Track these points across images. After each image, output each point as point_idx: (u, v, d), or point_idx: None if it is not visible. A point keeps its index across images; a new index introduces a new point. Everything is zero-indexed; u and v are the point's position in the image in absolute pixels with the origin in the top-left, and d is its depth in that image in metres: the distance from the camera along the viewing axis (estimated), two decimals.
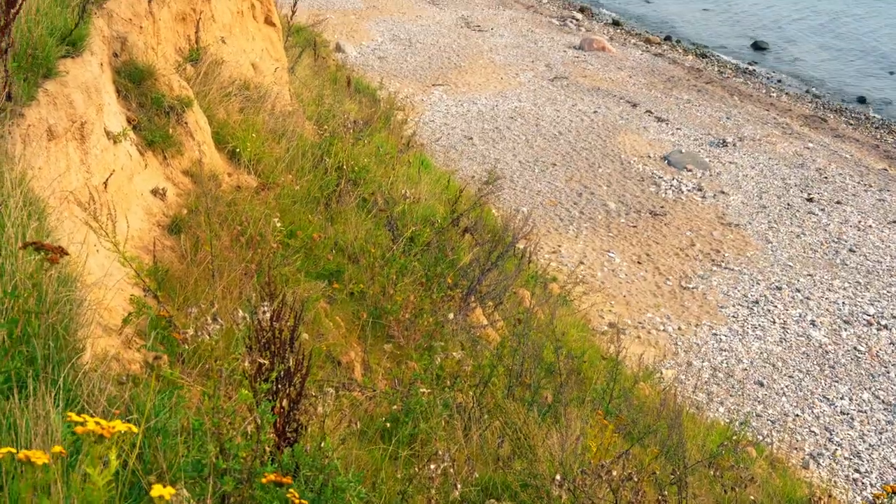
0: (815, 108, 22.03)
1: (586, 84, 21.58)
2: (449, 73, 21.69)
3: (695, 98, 21.28)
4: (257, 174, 7.45)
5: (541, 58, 23.46)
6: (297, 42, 15.02)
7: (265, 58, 10.36)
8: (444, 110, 19.30)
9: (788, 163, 17.62)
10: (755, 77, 24.36)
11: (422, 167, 11.77)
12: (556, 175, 16.43)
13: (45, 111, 4.82)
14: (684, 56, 25.82)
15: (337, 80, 15.12)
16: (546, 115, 19.28)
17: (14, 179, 3.58)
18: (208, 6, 8.96)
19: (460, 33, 25.31)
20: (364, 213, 7.93)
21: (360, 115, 12.88)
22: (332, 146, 8.70)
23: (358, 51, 22.73)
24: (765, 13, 30.98)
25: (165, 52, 7.97)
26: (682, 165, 17.00)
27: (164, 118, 6.71)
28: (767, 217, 15.38)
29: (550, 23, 27.83)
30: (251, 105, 8.40)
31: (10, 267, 2.96)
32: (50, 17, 5.32)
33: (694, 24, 29.73)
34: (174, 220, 6.16)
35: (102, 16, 6.58)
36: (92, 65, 5.58)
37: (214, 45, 8.76)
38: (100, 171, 5.49)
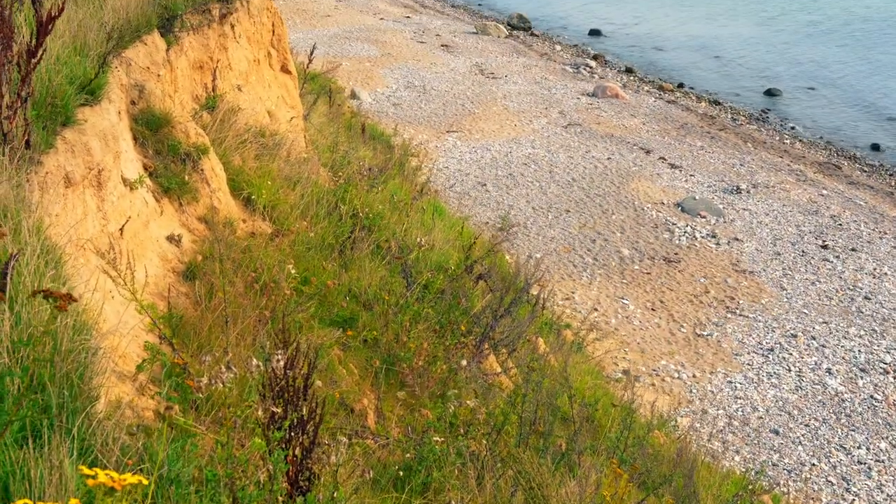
0: (829, 155, 22.04)
1: (600, 131, 21.66)
2: (463, 120, 21.81)
3: (708, 145, 21.32)
4: (272, 221, 7.49)
5: (554, 104, 23.58)
6: (313, 89, 15.16)
7: (281, 105, 10.46)
8: (458, 157, 19.39)
9: (803, 210, 17.60)
10: (768, 124, 24.42)
11: (436, 213, 11.80)
12: (569, 221, 16.45)
13: (62, 158, 4.86)
14: (697, 103, 25.92)
15: (352, 126, 15.23)
16: (560, 162, 19.35)
17: (31, 227, 3.60)
18: (225, 55, 9.06)
19: (474, 80, 25.48)
20: (378, 259, 7.94)
21: (375, 161, 12.96)
22: (346, 193, 8.74)
23: (373, 97, 22.90)
24: (777, 61, 31.11)
25: (182, 100, 8.05)
26: (695, 212, 17.00)
27: (180, 165, 6.77)
28: (782, 264, 15.34)
29: (564, 70, 28.01)
30: (267, 152, 8.46)
31: (26, 315, 2.98)
32: (70, 65, 5.38)
33: (707, 72, 29.86)
34: (189, 266, 6.18)
35: (121, 64, 6.66)
36: (110, 113, 5.64)
37: (231, 92, 8.85)
38: (116, 218, 5.53)
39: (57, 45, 5.48)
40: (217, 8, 8.92)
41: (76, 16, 6.30)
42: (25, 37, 4.85)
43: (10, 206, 3.68)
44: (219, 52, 8.90)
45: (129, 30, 7.04)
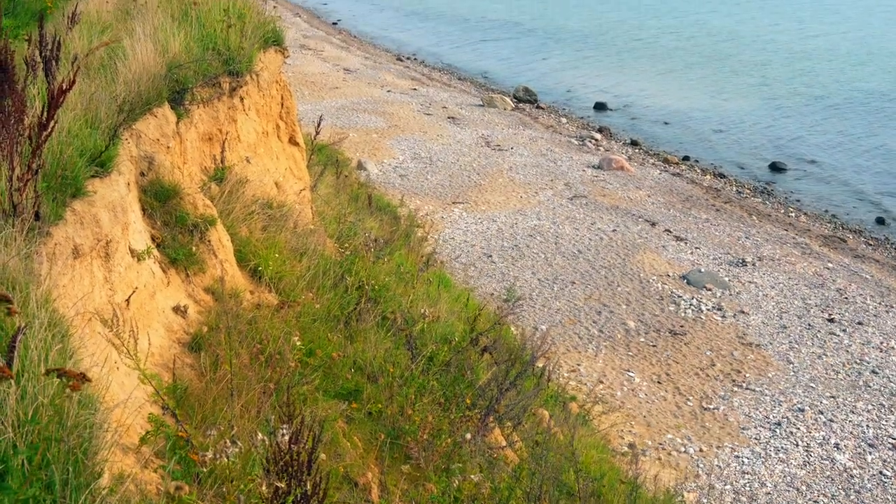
0: (834, 228, 22.10)
1: (605, 203, 21.76)
2: (469, 191, 21.94)
3: (713, 217, 21.40)
4: (278, 292, 7.50)
5: (560, 177, 23.73)
6: (320, 160, 15.29)
7: (288, 176, 10.54)
8: (464, 228, 19.47)
9: (808, 283, 17.59)
10: (773, 197, 24.53)
11: (441, 285, 11.81)
12: (575, 293, 16.44)
13: (71, 230, 4.90)
14: (702, 176, 26.07)
15: (358, 197, 15.32)
16: (565, 234, 19.41)
17: (39, 299, 3.62)
18: (234, 127, 9.16)
19: (480, 152, 25.68)
20: (383, 331, 7.94)
21: (381, 232, 13.01)
22: (353, 264, 8.76)
23: (379, 168, 23.07)
24: (781, 134, 31.37)
25: (191, 171, 8.12)
26: (701, 284, 17.00)
27: (187, 236, 6.80)
28: (788, 337, 15.28)
29: (570, 142, 28.24)
30: (274, 223, 8.50)
31: (32, 389, 2.98)
32: (80, 138, 5.45)
33: (711, 145, 30.10)
34: (195, 337, 6.18)
35: (131, 136, 6.74)
36: (119, 184, 5.69)
37: (239, 164, 8.93)
38: (123, 289, 5.55)
39: (69, 117, 5.56)
40: (227, 81, 9.04)
41: (88, 88, 6.39)
42: (38, 109, 4.92)
43: (18, 278, 3.69)
44: (228, 124, 9.00)
45: (141, 102, 7.13)
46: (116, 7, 10.56)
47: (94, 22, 9.36)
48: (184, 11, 9.63)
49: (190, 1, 9.89)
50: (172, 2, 10.10)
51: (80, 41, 7.93)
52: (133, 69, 7.29)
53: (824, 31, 59.49)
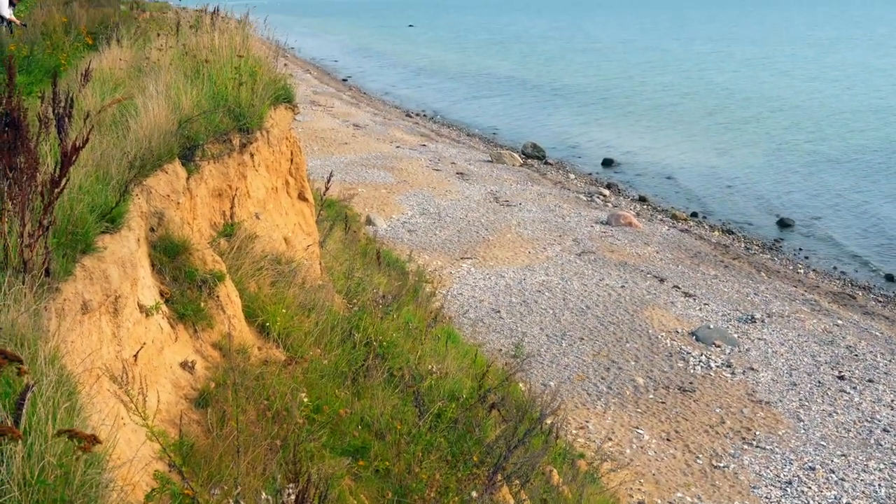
0: (843, 284, 22.05)
1: (614, 259, 21.77)
2: (477, 247, 21.98)
3: (722, 274, 21.37)
4: (286, 348, 7.49)
5: (568, 232, 23.77)
6: (329, 215, 15.35)
7: (297, 232, 10.57)
8: (473, 283, 19.46)
9: (818, 340, 17.50)
10: (782, 253, 24.52)
11: (449, 341, 11.77)
12: (583, 349, 16.38)
13: (81, 286, 4.91)
14: (710, 232, 26.09)
15: (367, 253, 15.34)
16: (573, 289, 19.39)
17: (47, 356, 3.62)
18: (244, 183, 9.22)
19: (489, 207, 25.77)
20: (391, 387, 7.91)
21: (390, 288, 13.01)
22: (361, 320, 8.76)
23: (388, 224, 23.14)
24: (788, 190, 31.46)
25: (201, 227, 8.16)
26: (710, 341, 16.93)
27: (196, 292, 6.82)
28: (798, 395, 15.18)
29: (578, 198, 28.33)
30: (282, 279, 8.51)
31: (40, 448, 2.97)
32: (91, 194, 5.49)
33: (719, 201, 30.18)
34: (202, 393, 6.16)
35: (142, 192, 6.79)
36: (129, 240, 5.72)
37: (249, 220, 8.97)
38: (131, 344, 5.55)
39: (80, 173, 5.60)
40: (237, 138, 9.11)
41: (100, 145, 6.45)
42: (50, 166, 4.97)
43: (27, 334, 3.70)
44: (238, 180, 9.06)
45: (152, 158, 7.19)
46: (129, 64, 10.70)
47: (106, 79, 9.48)
48: (196, 69, 9.74)
49: (202, 59, 10.00)
50: (185, 60, 10.23)
51: (92, 98, 8.02)
52: (145, 126, 7.36)
53: (828, 88, 59.94)
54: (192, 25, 13.80)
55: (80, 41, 16.69)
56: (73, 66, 12.60)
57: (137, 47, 12.59)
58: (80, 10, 21.57)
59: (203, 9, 16.53)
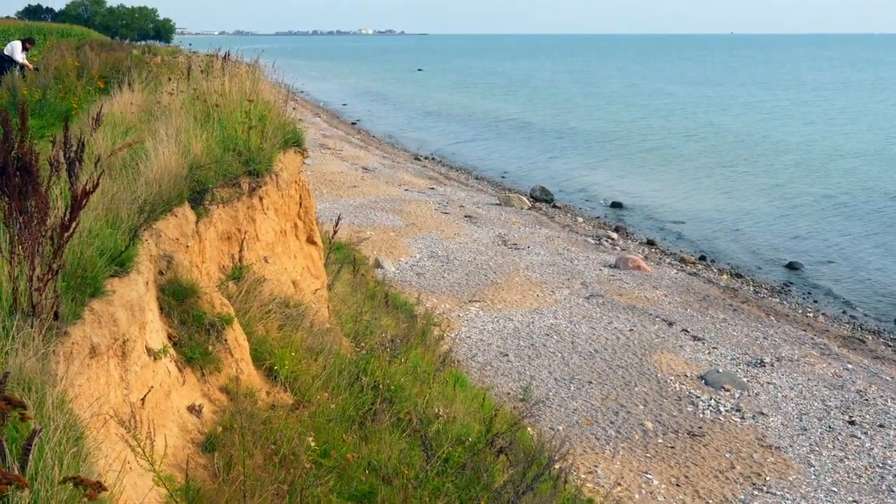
0: (853, 328, 21.96)
1: (622, 302, 21.73)
2: (486, 290, 21.96)
3: (730, 317, 21.30)
4: (293, 392, 7.48)
5: (576, 276, 23.76)
6: (338, 258, 15.39)
7: (306, 275, 10.60)
8: (481, 327, 19.43)
9: (828, 384, 17.40)
10: (791, 297, 24.45)
11: (457, 384, 11.75)
12: (592, 393, 16.30)
13: (89, 329, 4.93)
14: (719, 276, 26.05)
15: (375, 295, 15.36)
16: (582, 333, 19.34)
17: (55, 400, 3.63)
18: (253, 226, 9.26)
19: (497, 251, 25.79)
20: (399, 432, 7.88)
21: (397, 331, 13.01)
22: (368, 364, 8.75)
23: (396, 267, 23.16)
24: (797, 234, 31.45)
25: (209, 270, 8.19)
26: (719, 385, 16.84)
27: (204, 335, 6.83)
28: (809, 440, 15.06)
29: (586, 241, 28.34)
30: (290, 322, 8.53)
31: (45, 494, 2.97)
32: (101, 238, 5.52)
33: (728, 244, 30.16)
34: (209, 437, 6.15)
35: (151, 236, 6.82)
36: (138, 284, 5.74)
37: (257, 263, 9.00)
38: (138, 388, 5.56)
39: (90, 217, 5.64)
40: (247, 181, 9.17)
41: (110, 189, 6.50)
42: (60, 210, 5.00)
43: (35, 379, 3.71)
44: (247, 223, 9.10)
45: (161, 202, 7.23)
46: (140, 108, 10.80)
47: (118, 123, 9.57)
48: (206, 113, 9.83)
49: (212, 103, 10.09)
50: (195, 104, 10.33)
51: (103, 142, 8.09)
52: (155, 170, 7.42)
53: (833, 131, 60.22)
54: (203, 70, 13.95)
55: (93, 85, 16.87)
56: (84, 109, 12.72)
57: (149, 91, 12.72)
58: (92, 55, 21.81)
59: (214, 53, 16.71)
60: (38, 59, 25.67)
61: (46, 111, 14.34)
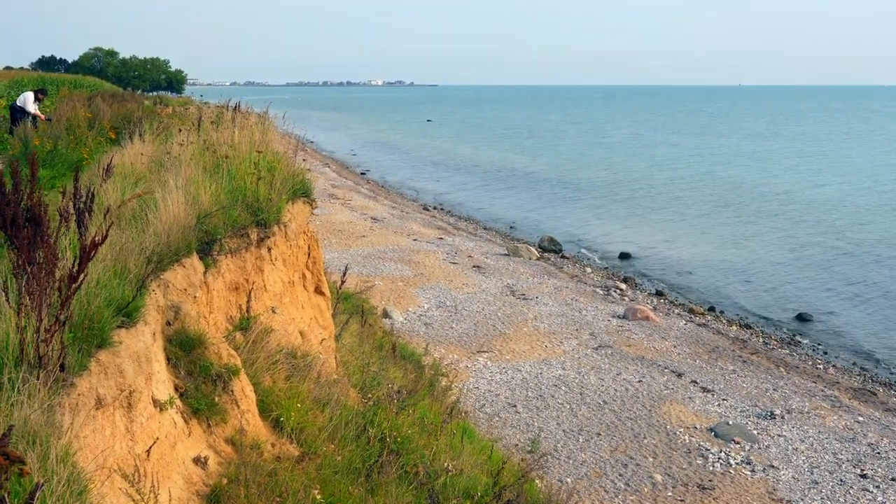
0: (864, 380, 21.80)
1: (631, 353, 21.63)
2: (494, 340, 21.90)
3: (740, 369, 21.18)
4: (300, 443, 7.44)
5: (585, 326, 23.69)
6: (346, 308, 15.37)
7: (313, 326, 10.58)
8: (489, 377, 19.35)
9: (839, 437, 17.24)
10: (800, 348, 24.32)
11: (465, 436, 11.67)
12: (600, 445, 16.18)
13: (95, 380, 4.92)
14: (728, 327, 25.96)
15: (383, 346, 15.32)
16: (590, 384, 19.24)
17: (59, 453, 3.61)
18: (261, 276, 9.27)
19: (505, 301, 25.75)
20: (405, 484, 7.81)
21: (405, 382, 12.95)
22: (375, 416, 8.70)
23: (404, 317, 23.13)
24: (807, 285, 31.37)
25: (217, 320, 8.18)
26: (729, 437, 16.70)
27: (210, 386, 6.81)
28: (820, 493, 14.89)
29: (594, 292, 28.29)
30: (297, 373, 8.50)
31: None
32: (109, 288, 5.53)
33: (737, 295, 30.08)
34: (214, 489, 6.11)
35: (159, 286, 6.83)
36: (145, 335, 5.74)
37: (265, 313, 8.99)
38: (144, 439, 5.53)
39: (98, 268, 5.65)
40: (255, 232, 9.20)
41: (119, 240, 6.52)
42: (69, 261, 5.01)
43: (40, 431, 3.70)
44: (255, 274, 9.11)
45: (169, 253, 7.25)
46: (151, 159, 10.88)
47: (128, 173, 9.63)
48: (216, 164, 9.89)
49: (222, 154, 10.16)
50: (205, 155, 10.40)
51: (113, 192, 8.14)
52: (164, 220, 7.44)
53: (839, 182, 60.37)
54: (213, 121, 14.06)
55: (104, 136, 17.02)
56: (95, 160, 12.83)
57: (159, 142, 12.82)
58: (104, 106, 22.03)
59: (225, 104, 16.86)
60: (50, 110, 25.93)
61: (57, 162, 14.46)
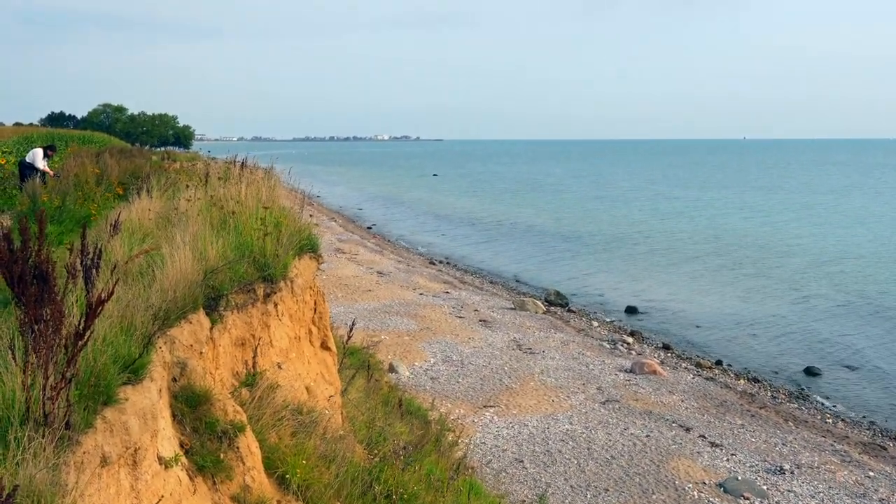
0: (873, 435, 21.63)
1: (638, 407, 21.51)
2: (500, 395, 21.80)
3: (748, 423, 21.03)
4: (306, 501, 7.38)
5: (592, 380, 23.58)
6: (352, 363, 15.33)
7: (319, 381, 10.55)
8: (495, 432, 19.23)
9: (849, 492, 17.06)
10: (809, 402, 24.16)
11: (472, 492, 11.58)
12: (608, 501, 16.02)
13: (101, 438, 4.90)
14: (736, 380, 25.82)
15: (389, 401, 15.25)
16: (598, 439, 19.10)
17: None
18: (267, 332, 9.26)
19: (512, 355, 25.67)
20: None
21: (411, 437, 12.87)
22: (382, 472, 8.65)
23: (411, 371, 23.06)
24: (814, 339, 31.25)
25: (222, 376, 8.17)
26: (738, 493, 16.53)
27: (216, 443, 6.77)
28: None
29: (601, 346, 28.20)
30: (303, 429, 8.46)
31: None
32: (115, 345, 5.53)
33: (744, 349, 29.96)
34: None
35: (165, 343, 6.82)
36: (151, 391, 5.72)
37: (271, 369, 8.97)
38: (149, 497, 5.49)
39: (105, 324, 5.66)
40: (262, 287, 9.21)
41: (125, 296, 6.53)
42: (75, 318, 5.02)
43: (45, 491, 3.68)
44: (261, 329, 9.11)
45: (176, 309, 7.26)
46: (158, 215, 10.93)
47: (135, 229, 9.68)
48: (223, 220, 9.94)
49: (229, 210, 10.21)
50: (212, 210, 10.45)
51: (120, 249, 8.17)
52: (170, 276, 7.47)
53: (843, 234, 60.44)
54: (220, 177, 14.14)
55: (111, 192, 17.13)
56: (103, 216, 12.89)
57: (167, 198, 12.89)
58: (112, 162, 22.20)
59: (232, 159, 16.98)
60: (58, 166, 26.13)
61: (65, 217, 14.53)
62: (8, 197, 19.90)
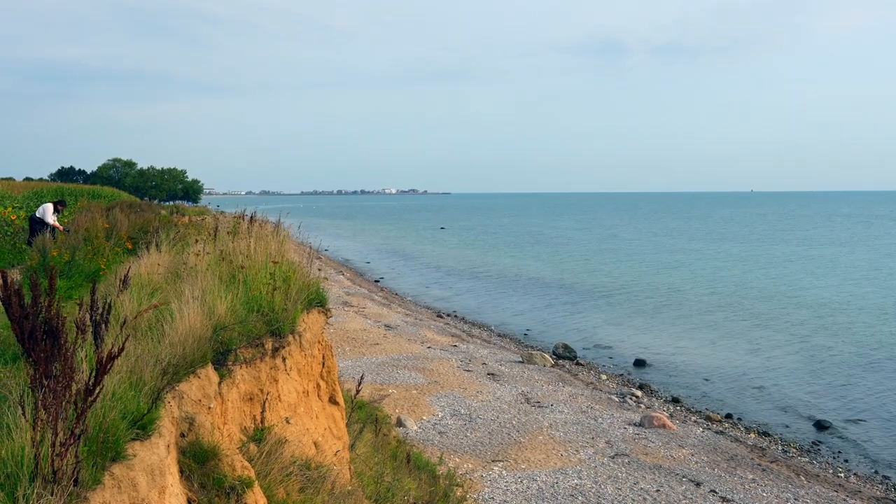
0: (887, 489, 21.40)
1: (648, 461, 21.33)
2: (509, 449, 21.65)
3: (759, 477, 20.83)
4: None
5: (601, 434, 23.42)
6: (360, 417, 15.27)
7: (327, 436, 10.51)
8: (504, 487, 19.07)
9: None
10: (821, 456, 23.95)
11: None
12: None
13: (108, 495, 4.88)
14: (746, 434, 25.63)
15: (397, 455, 15.17)
16: (607, 494, 18.93)
17: None
18: (276, 387, 9.25)
19: (520, 409, 25.53)
20: None
21: (420, 492, 12.79)
22: None
23: (418, 425, 22.94)
24: (825, 392, 31.06)
25: (231, 431, 8.14)
26: None
27: (224, 499, 6.74)
28: None
29: (610, 399, 28.05)
30: (311, 485, 8.41)
31: None
32: (124, 401, 5.53)
33: (754, 402, 29.76)
34: None
35: (174, 398, 6.82)
36: (159, 447, 5.71)
37: (279, 424, 8.94)
38: None
39: (114, 380, 5.67)
40: (270, 342, 9.21)
41: (134, 351, 6.55)
42: (85, 373, 5.03)
43: None
44: (269, 384, 9.09)
45: (185, 363, 7.27)
46: (167, 269, 10.98)
47: (144, 284, 9.71)
48: (232, 274, 9.97)
49: (238, 264, 10.24)
50: (221, 265, 10.48)
51: (130, 304, 8.20)
52: (179, 331, 7.48)
53: (850, 286, 60.35)
54: (229, 231, 14.21)
55: (121, 246, 17.20)
56: (112, 270, 12.94)
57: (176, 252, 12.95)
58: (121, 216, 22.33)
59: (240, 214, 17.06)
60: (68, 221, 26.28)
61: (75, 272, 14.58)
62: (18, 252, 20.00)
